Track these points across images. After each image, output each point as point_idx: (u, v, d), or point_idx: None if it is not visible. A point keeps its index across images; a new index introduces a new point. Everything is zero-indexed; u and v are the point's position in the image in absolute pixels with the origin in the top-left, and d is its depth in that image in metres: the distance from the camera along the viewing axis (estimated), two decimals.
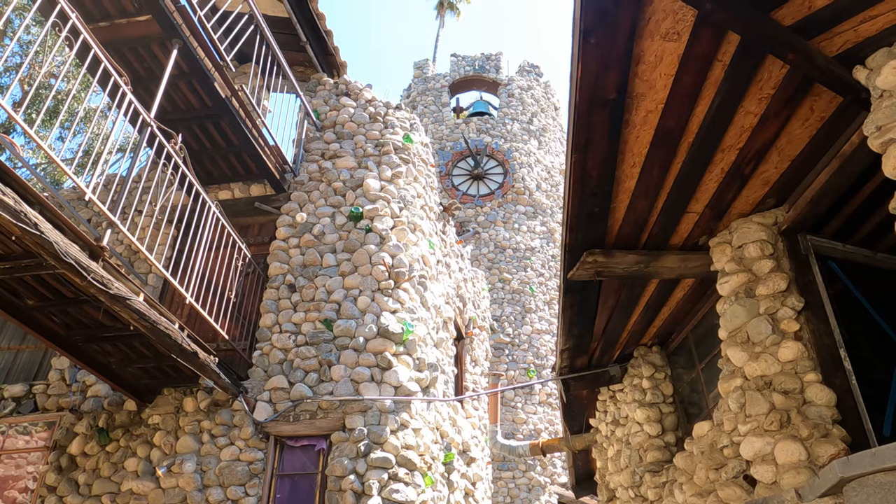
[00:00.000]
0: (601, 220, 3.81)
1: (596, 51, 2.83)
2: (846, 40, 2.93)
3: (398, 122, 7.91)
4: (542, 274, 15.42)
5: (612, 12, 2.68)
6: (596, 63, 2.88)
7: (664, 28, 2.86)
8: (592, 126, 3.17)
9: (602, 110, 3.11)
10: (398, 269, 6.52)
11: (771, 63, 3.06)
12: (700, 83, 3.12)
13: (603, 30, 2.75)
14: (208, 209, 5.54)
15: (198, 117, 6.50)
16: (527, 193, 16.64)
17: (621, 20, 2.74)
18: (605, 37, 2.78)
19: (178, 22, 5.44)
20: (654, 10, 2.77)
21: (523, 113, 18.68)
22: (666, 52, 2.96)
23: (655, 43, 2.91)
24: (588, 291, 4.43)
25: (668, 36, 2.89)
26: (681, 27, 2.85)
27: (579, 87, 2.96)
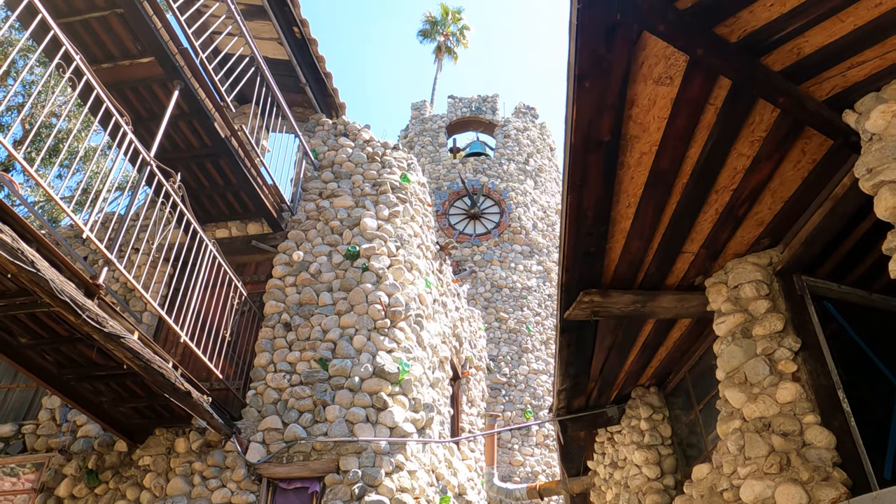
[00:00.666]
0: (597, 260, 3.82)
1: (590, 94, 2.88)
2: (835, 85, 2.99)
3: (396, 162, 7.98)
4: (538, 313, 15.36)
5: (605, 57, 2.73)
6: (590, 106, 2.93)
7: (657, 73, 2.92)
8: (588, 167, 3.21)
9: (597, 152, 3.15)
10: (395, 308, 6.50)
11: (762, 107, 3.11)
12: (693, 126, 3.17)
13: (597, 74, 2.80)
14: (205, 247, 5.54)
15: (197, 156, 6.57)
16: (523, 233, 16.70)
17: (615, 65, 2.80)
18: (599, 81, 2.83)
19: (180, 64, 5.54)
20: (646, 56, 2.83)
21: (519, 153, 18.88)
22: (659, 96, 3.01)
23: (649, 87, 2.97)
24: (585, 331, 4.40)
25: (661, 80, 2.95)
26: (673, 72, 2.91)
27: (574, 129, 3.01)
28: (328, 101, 8.67)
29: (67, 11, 5.31)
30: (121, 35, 5.48)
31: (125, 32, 5.44)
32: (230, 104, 6.18)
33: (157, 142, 5.02)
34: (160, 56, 5.46)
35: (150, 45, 5.42)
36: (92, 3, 5.25)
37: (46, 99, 14.92)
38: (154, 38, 5.32)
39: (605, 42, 2.68)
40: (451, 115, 20.24)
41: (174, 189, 5.01)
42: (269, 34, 7.72)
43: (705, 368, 4.67)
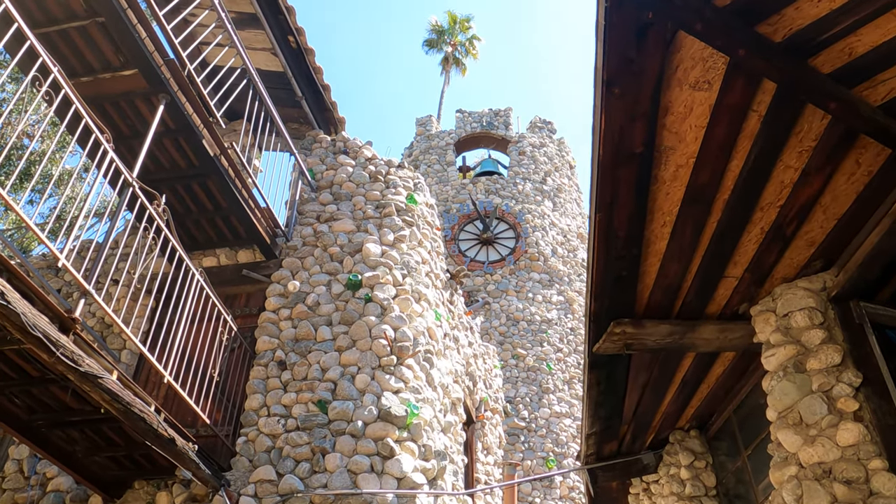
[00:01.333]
0: (629, 286, 3.80)
1: (620, 102, 2.89)
2: (891, 88, 2.99)
3: (401, 182, 8.02)
4: (560, 349, 15.26)
5: (636, 60, 2.74)
6: (620, 114, 2.93)
7: (693, 77, 2.92)
8: (618, 182, 3.20)
9: (628, 165, 3.15)
10: (401, 344, 6.47)
11: (811, 113, 3.11)
12: (734, 135, 3.17)
13: (627, 79, 2.81)
14: (192, 278, 5.54)
15: (183, 177, 6.61)
16: (541, 259, 16.69)
17: (647, 69, 2.81)
18: (630, 86, 2.84)
19: (165, 76, 5.61)
20: (681, 59, 2.84)
21: (536, 172, 18.97)
22: (696, 103, 3.02)
23: (684, 93, 2.97)
24: (616, 367, 4.37)
25: (699, 85, 2.96)
26: (711, 75, 2.92)
27: (603, 141, 3.01)
28: (326, 115, 8.75)
29: (44, 21, 5.41)
30: (102, 46, 5.57)
31: (107, 43, 5.53)
32: (220, 119, 6.24)
33: (139, 161, 5.06)
34: (144, 68, 5.54)
35: (133, 57, 5.50)
36: (71, 12, 5.35)
37: (18, 119, 15.16)
38: (138, 48, 5.40)
39: (635, 43, 2.69)
40: (460, 131, 20.41)
41: (158, 213, 5.03)
42: (261, 44, 7.83)
43: (753, 408, 4.61)
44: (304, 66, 8.17)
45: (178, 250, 5.31)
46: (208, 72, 6.51)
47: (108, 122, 6.07)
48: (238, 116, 8.24)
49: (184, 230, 7.09)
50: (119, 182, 4.80)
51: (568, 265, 17.22)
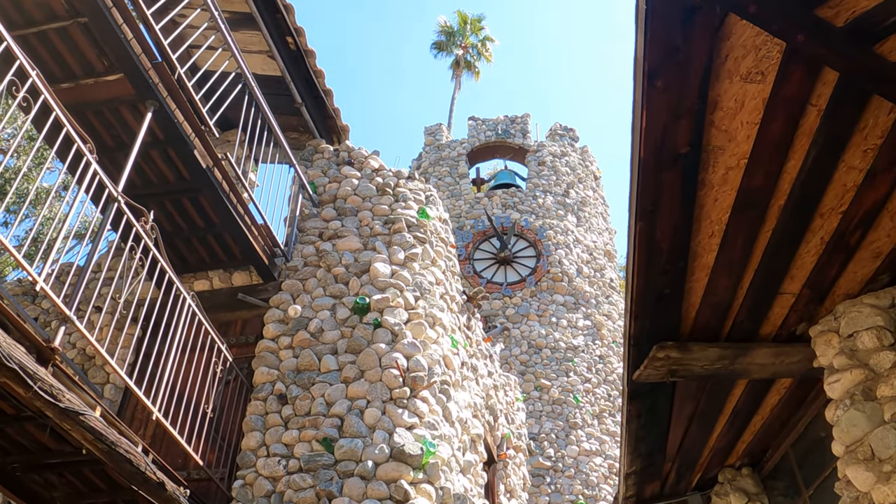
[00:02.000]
0: (673, 305, 3.74)
1: (663, 96, 2.84)
2: None
3: (411, 195, 8.00)
4: (588, 379, 15.13)
5: (681, 49, 2.70)
6: (663, 111, 2.89)
7: (745, 67, 2.88)
8: (661, 187, 3.15)
9: (672, 168, 3.10)
10: (415, 374, 6.40)
11: (877, 106, 3.05)
12: (791, 133, 3.11)
13: (671, 71, 2.77)
14: (182, 303, 5.51)
15: (172, 192, 6.62)
16: (565, 280, 16.62)
17: (693, 58, 2.77)
18: (675, 79, 2.80)
19: (153, 81, 5.63)
20: (732, 46, 2.80)
21: (557, 184, 18.97)
22: (748, 96, 2.97)
23: (735, 85, 2.93)
24: (659, 397, 4.31)
25: (751, 76, 2.91)
26: (765, 65, 2.87)
27: (644, 141, 2.96)
28: (328, 123, 8.77)
29: (22, 23, 5.45)
30: (84, 49, 5.60)
31: (89, 46, 5.56)
32: (213, 128, 6.25)
33: (125, 174, 5.05)
34: (130, 72, 5.56)
35: (118, 60, 5.52)
36: (51, 13, 5.39)
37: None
38: (124, 50, 5.42)
39: (681, 30, 2.65)
40: (473, 140, 20.48)
41: (146, 230, 5.02)
42: (257, 46, 7.88)
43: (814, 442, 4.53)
44: (304, 69, 8.21)
45: (167, 272, 5.29)
46: (200, 77, 6.54)
47: (91, 132, 6.09)
48: (232, 125, 8.25)
49: (173, 250, 7.08)
50: (102, 198, 4.79)
51: (595, 286, 17.14)
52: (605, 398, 15.12)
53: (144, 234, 5.01)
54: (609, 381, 15.52)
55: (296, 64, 8.16)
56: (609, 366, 15.74)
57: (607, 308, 16.92)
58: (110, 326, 5.72)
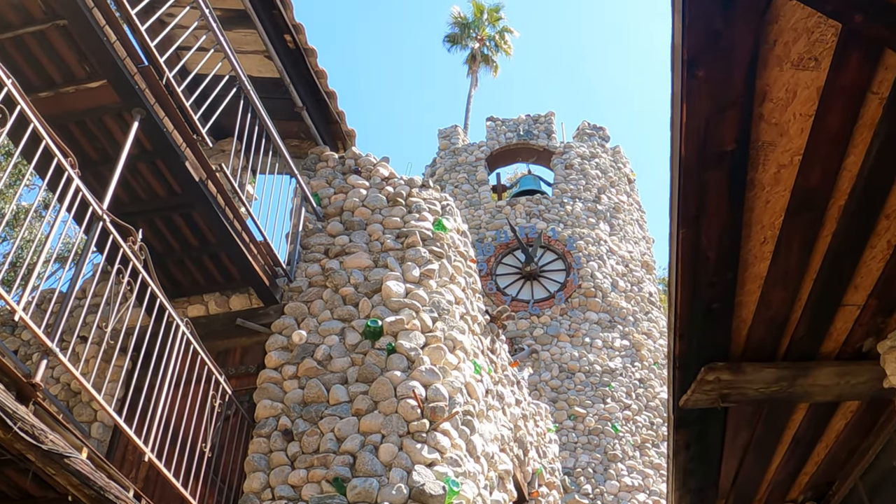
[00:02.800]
0: (723, 321, 3.70)
1: (705, 87, 2.82)
2: None
3: (426, 205, 8.01)
4: (627, 406, 15.03)
5: (724, 34, 2.67)
6: (706, 103, 2.86)
7: (796, 52, 2.84)
8: (705, 189, 3.12)
9: (717, 167, 3.07)
10: (434, 404, 6.38)
11: None
12: (850, 125, 3.07)
13: (714, 59, 2.74)
14: (175, 330, 5.53)
15: (163, 208, 6.66)
16: (599, 295, 16.56)
17: (737, 44, 2.74)
18: (717, 68, 2.77)
19: (139, 87, 5.68)
20: (780, 30, 2.76)
21: (587, 188, 18.97)
22: (801, 85, 2.94)
23: (785, 73, 2.89)
24: (709, 424, 4.27)
25: (803, 63, 2.88)
26: (819, 50, 2.83)
27: (685, 138, 2.93)
28: (332, 128, 8.81)
29: None
30: (64, 54, 5.66)
31: (70, 50, 5.62)
32: (206, 137, 6.29)
33: (110, 190, 5.09)
34: (115, 78, 5.61)
35: (101, 65, 5.57)
36: (27, 15, 5.45)
37: None
38: (107, 54, 5.47)
39: (722, 13, 2.62)
40: (493, 143, 20.53)
41: (134, 251, 5.04)
42: (253, 46, 7.94)
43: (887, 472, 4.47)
44: (305, 69, 8.26)
45: (158, 297, 5.30)
46: (190, 81, 6.59)
47: (73, 145, 6.14)
48: (227, 133, 8.31)
49: (164, 273, 7.12)
50: (86, 217, 4.82)
51: (632, 301, 17.08)
52: (647, 426, 15.02)
53: (132, 256, 5.04)
54: (651, 407, 15.41)
55: (295, 64, 8.21)
56: (651, 390, 15.64)
57: (647, 326, 16.83)
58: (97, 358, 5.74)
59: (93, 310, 7.39)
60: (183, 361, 5.63)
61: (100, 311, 5.34)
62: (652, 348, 16.48)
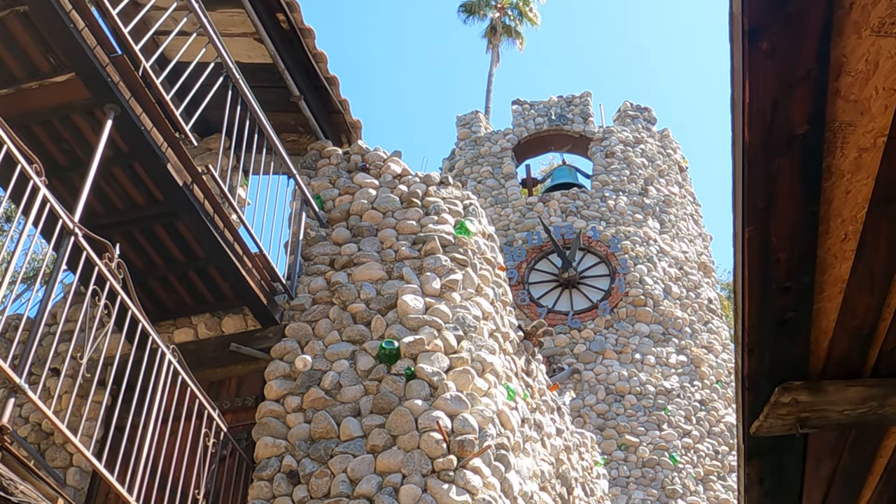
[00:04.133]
0: (799, 333, 3.67)
1: (771, 60, 2.80)
2: None
3: (445, 205, 8.01)
4: (687, 432, 14.94)
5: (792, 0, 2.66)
6: (772, 80, 2.84)
7: (876, 17, 2.82)
8: (773, 179, 3.10)
9: (787, 153, 3.05)
10: (462, 437, 6.37)
11: None
12: None
13: (780, 27, 2.72)
14: (160, 359, 5.55)
15: (143, 219, 6.70)
16: (649, 303, 16.49)
17: (807, 10, 2.72)
18: (784, 37, 2.75)
19: (112, 80, 5.71)
20: None
21: (632, 180, 18.92)
22: (883, 55, 2.91)
23: (865, 41, 2.87)
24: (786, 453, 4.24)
25: (885, 29, 2.85)
26: None
27: (748, 120, 2.92)
28: (334, 120, 8.84)
29: None
30: (25, 45, 5.70)
31: (31, 40, 5.66)
32: (189, 135, 6.32)
33: (82, 199, 5.12)
34: (84, 69, 5.64)
35: (68, 56, 5.61)
36: None
37: None
38: (74, 43, 5.50)
39: None
40: (520, 130, 20.55)
41: (111, 269, 5.07)
42: (241, 27, 7.98)
43: None
44: (301, 53, 8.29)
45: (139, 322, 5.33)
46: (170, 70, 6.61)
47: (38, 149, 6.17)
48: (214, 129, 8.37)
49: (146, 293, 7.16)
50: (56, 231, 4.85)
51: (688, 310, 16.99)
52: (710, 456, 14.92)
53: (109, 275, 5.06)
54: (715, 433, 15.33)
55: (290, 47, 8.24)
56: (714, 413, 15.55)
57: (707, 338, 16.74)
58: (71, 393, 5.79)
59: (66, 338, 7.42)
60: (170, 395, 5.65)
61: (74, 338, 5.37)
62: (714, 364, 16.39)
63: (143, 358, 5.51)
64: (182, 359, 5.88)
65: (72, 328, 7.42)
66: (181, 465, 5.78)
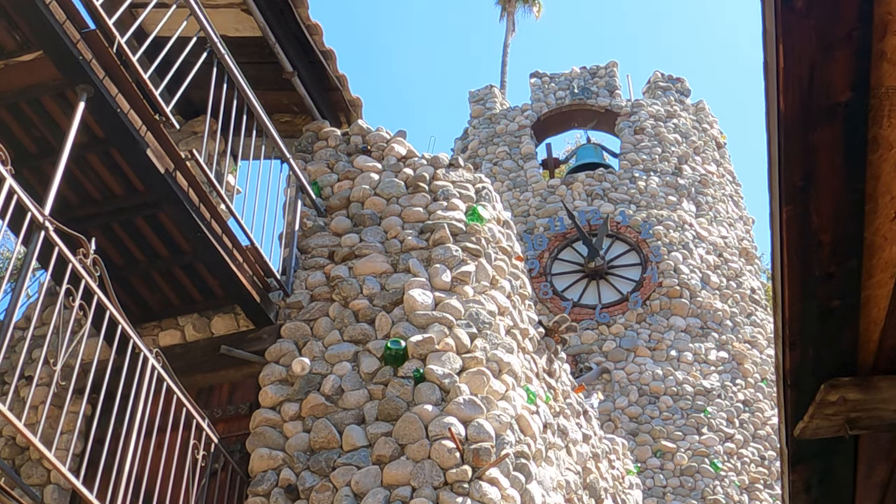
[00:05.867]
0: (847, 323, 3.64)
1: (807, 20, 2.78)
2: None
3: (456, 189, 8.00)
4: (729, 436, 14.92)
5: None
6: (809, 41, 2.82)
7: None
8: (813, 153, 3.07)
9: (828, 124, 3.02)
10: (477, 445, 6.37)
11: None
12: None
13: None
14: (143, 364, 5.56)
15: (121, 210, 6.71)
16: (686, 295, 16.45)
17: None
18: None
19: (85, 57, 5.71)
20: None
21: (664, 158, 18.87)
22: None
23: None
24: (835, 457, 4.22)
25: None
26: None
27: (783, 87, 2.89)
28: (332, 97, 8.83)
29: None
30: None
31: None
32: (171, 117, 6.32)
33: (53, 190, 5.12)
34: (53, 47, 5.62)
35: (35, 32, 5.59)
36: None
37: None
38: (42, 18, 5.49)
39: None
40: (539, 106, 20.51)
41: (87, 266, 5.07)
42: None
43: None
44: (294, 24, 8.28)
45: (119, 324, 5.33)
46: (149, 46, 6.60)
47: (4, 135, 6.21)
48: (198, 111, 8.37)
49: (127, 292, 7.17)
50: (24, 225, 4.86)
51: (729, 301, 16.95)
52: (756, 462, 14.91)
53: (84, 272, 5.06)
54: (760, 436, 15.30)
55: (281, 18, 8.23)
56: (759, 415, 15.52)
57: (750, 332, 16.69)
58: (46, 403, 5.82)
59: (39, 342, 7.46)
60: (154, 403, 5.67)
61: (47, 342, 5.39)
62: (758, 360, 16.34)
63: (124, 363, 5.52)
64: (167, 364, 5.89)
65: (45, 332, 7.45)
66: (168, 481, 5.79)
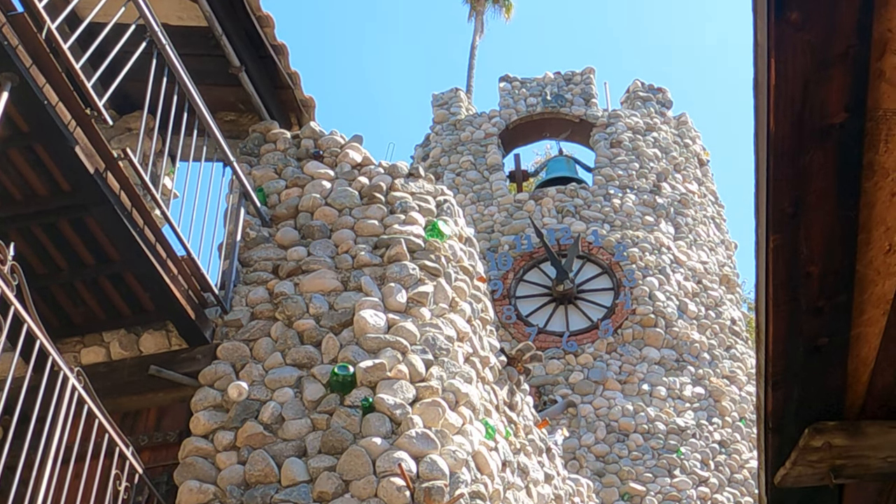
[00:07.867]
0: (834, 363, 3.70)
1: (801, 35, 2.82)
2: None
3: (415, 201, 8.02)
4: (703, 479, 15.03)
5: None
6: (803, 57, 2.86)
7: None
8: (804, 177, 3.12)
9: (821, 146, 3.07)
10: (430, 483, 6.38)
11: None
12: None
13: None
14: (63, 383, 5.51)
15: (44, 213, 6.64)
16: (661, 324, 16.54)
17: None
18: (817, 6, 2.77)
19: (10, 43, 5.66)
20: None
21: (641, 174, 19.00)
22: None
23: None
24: None
25: None
26: None
27: (774, 106, 2.93)
28: (282, 96, 8.82)
29: None
30: None
31: None
32: (104, 112, 6.27)
33: None
34: None
35: None
36: None
37: None
38: None
39: None
40: (508, 112, 20.58)
41: (3, 273, 5.02)
42: None
43: None
44: (243, 15, 8.27)
45: (37, 338, 5.28)
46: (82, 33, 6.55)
47: None
48: (135, 106, 8.32)
49: (48, 303, 7.11)
50: None
51: (707, 331, 17.08)
52: None
53: (1, 280, 5.02)
54: (737, 480, 15.41)
55: (230, 8, 8.21)
56: (736, 457, 15.64)
57: (729, 366, 16.82)
58: None
59: None
60: (74, 427, 5.61)
61: None
62: (737, 398, 16.46)
63: (41, 382, 5.46)
64: (89, 384, 5.83)
65: None
66: None
